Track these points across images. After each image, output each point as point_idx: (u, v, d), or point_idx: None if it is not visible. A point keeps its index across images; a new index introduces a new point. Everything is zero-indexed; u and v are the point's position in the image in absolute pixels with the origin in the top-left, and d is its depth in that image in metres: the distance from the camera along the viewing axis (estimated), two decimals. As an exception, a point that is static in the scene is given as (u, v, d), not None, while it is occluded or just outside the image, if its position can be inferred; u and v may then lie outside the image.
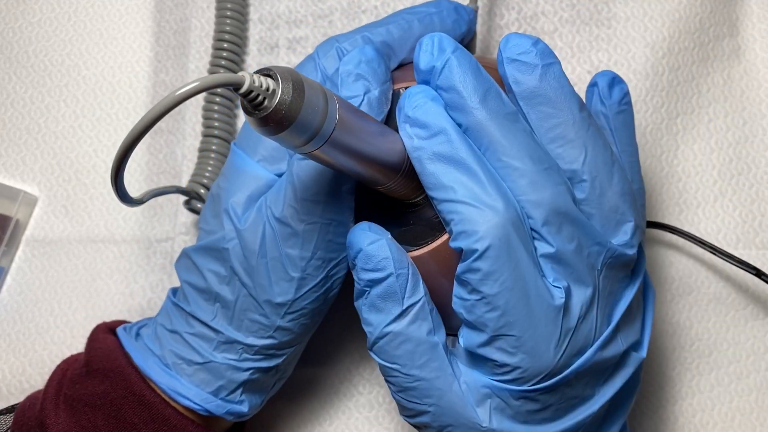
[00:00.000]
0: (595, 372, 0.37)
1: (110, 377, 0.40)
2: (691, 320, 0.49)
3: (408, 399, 0.37)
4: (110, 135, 0.52)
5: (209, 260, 0.40)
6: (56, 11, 0.53)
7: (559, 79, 0.36)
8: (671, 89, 0.50)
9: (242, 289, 0.39)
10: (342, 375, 0.49)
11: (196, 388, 0.41)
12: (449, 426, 0.36)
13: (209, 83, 0.28)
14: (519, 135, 0.35)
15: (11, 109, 0.52)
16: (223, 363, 0.40)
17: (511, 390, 0.35)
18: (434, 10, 0.41)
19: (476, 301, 0.34)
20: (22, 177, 0.52)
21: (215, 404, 0.41)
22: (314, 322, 0.41)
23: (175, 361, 0.41)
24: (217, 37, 0.50)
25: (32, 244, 0.51)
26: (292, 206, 0.37)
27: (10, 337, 0.50)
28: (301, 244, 0.38)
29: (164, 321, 0.42)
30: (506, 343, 0.35)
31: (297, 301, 0.39)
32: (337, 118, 0.32)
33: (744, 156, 0.50)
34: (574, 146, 0.36)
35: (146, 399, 0.40)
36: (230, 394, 0.41)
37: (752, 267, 0.45)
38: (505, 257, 0.34)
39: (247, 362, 0.41)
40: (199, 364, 0.41)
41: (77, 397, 0.40)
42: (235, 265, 0.39)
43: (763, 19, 0.51)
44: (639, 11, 0.50)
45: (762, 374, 0.48)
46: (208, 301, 0.40)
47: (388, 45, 0.40)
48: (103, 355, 0.41)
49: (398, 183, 0.36)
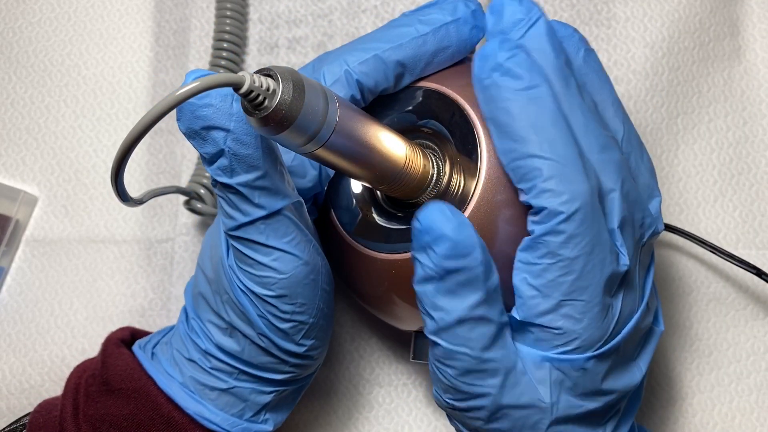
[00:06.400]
0: (634, 341, 0.38)
1: (135, 398, 0.40)
2: (691, 320, 0.49)
3: (469, 382, 0.35)
4: (110, 135, 0.52)
5: (208, 312, 0.39)
6: (56, 11, 0.53)
7: (598, 62, 0.39)
8: (671, 89, 0.50)
9: (245, 339, 0.38)
10: (342, 375, 0.49)
11: (221, 412, 0.40)
12: (505, 408, 0.35)
13: (209, 83, 0.28)
14: (586, 103, 0.36)
15: (11, 109, 0.52)
16: (247, 388, 0.40)
17: (572, 360, 0.35)
18: (450, 19, 0.39)
19: (550, 264, 0.34)
20: (22, 177, 0.52)
21: (241, 427, 0.40)
22: (326, 343, 0.41)
23: (197, 387, 0.40)
24: (217, 37, 0.50)
25: (32, 244, 0.51)
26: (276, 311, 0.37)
27: (11, 337, 0.50)
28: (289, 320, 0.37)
29: (180, 348, 0.41)
30: (574, 309, 0.34)
31: (302, 340, 0.38)
32: (337, 118, 0.32)
33: (744, 156, 0.50)
34: (614, 123, 0.38)
35: (175, 421, 0.39)
36: (255, 416, 0.41)
37: (752, 266, 0.45)
38: (589, 221, 0.34)
39: (270, 386, 0.40)
40: (222, 390, 0.40)
41: (99, 417, 0.40)
42: (233, 320, 0.38)
43: (763, 19, 0.51)
44: (639, 11, 0.50)
45: (762, 374, 0.48)
46: (217, 348, 0.40)
47: (401, 64, 0.38)
48: (124, 374, 0.40)
49: (399, 183, 0.36)
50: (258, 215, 0.34)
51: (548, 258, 0.34)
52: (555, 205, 0.33)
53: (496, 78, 0.34)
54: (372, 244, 0.39)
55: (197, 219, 0.51)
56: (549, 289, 0.34)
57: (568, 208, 0.33)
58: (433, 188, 0.38)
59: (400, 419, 0.49)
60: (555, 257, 0.34)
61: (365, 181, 0.36)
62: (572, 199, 0.33)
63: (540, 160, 0.34)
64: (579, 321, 0.35)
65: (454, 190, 0.37)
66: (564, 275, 0.34)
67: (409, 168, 0.36)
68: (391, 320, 0.42)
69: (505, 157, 0.35)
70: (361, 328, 0.50)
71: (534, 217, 0.34)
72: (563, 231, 0.33)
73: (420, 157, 0.37)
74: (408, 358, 0.49)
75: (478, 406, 0.36)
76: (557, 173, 0.33)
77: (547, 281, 0.34)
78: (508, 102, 0.34)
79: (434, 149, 0.38)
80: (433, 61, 0.39)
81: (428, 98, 0.39)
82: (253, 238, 0.35)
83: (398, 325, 0.43)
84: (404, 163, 0.36)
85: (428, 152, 0.38)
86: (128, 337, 0.44)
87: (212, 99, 0.32)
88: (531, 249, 0.34)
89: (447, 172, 0.37)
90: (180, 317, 0.42)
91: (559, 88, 0.35)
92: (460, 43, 0.39)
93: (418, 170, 0.37)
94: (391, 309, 0.41)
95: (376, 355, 0.49)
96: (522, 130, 0.34)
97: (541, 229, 0.34)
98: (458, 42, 0.39)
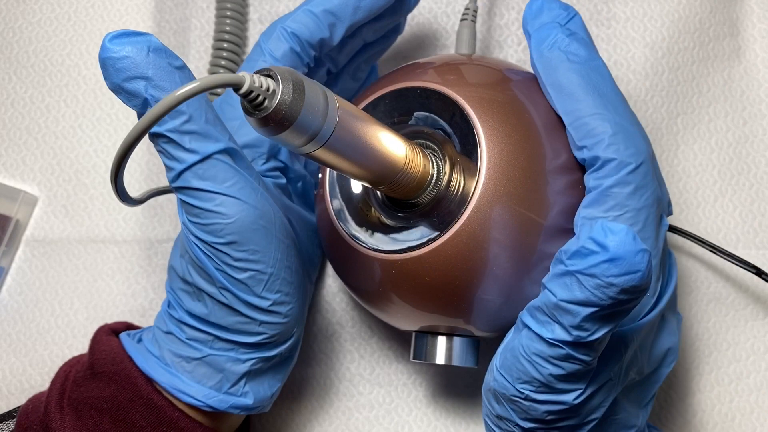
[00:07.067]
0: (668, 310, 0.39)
1: (116, 380, 0.40)
2: (691, 320, 0.49)
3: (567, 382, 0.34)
4: (110, 135, 0.52)
5: (177, 280, 0.40)
6: (56, 11, 0.53)
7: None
8: (671, 89, 0.50)
9: (210, 299, 0.39)
10: (342, 375, 0.49)
11: (197, 384, 0.40)
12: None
13: (209, 83, 0.28)
14: None
15: (11, 109, 0.52)
16: (222, 356, 0.40)
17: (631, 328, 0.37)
18: None
19: (617, 216, 0.36)
20: (22, 177, 0.52)
21: (218, 399, 0.40)
22: (297, 302, 0.40)
23: (174, 360, 0.40)
24: (217, 37, 0.50)
25: (32, 244, 0.51)
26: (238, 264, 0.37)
27: (11, 337, 0.50)
28: (261, 285, 0.38)
29: (160, 324, 0.42)
30: None
31: (264, 294, 0.39)
32: (337, 118, 0.32)
33: (744, 156, 0.50)
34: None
35: (154, 402, 0.40)
36: (232, 387, 0.41)
37: (752, 266, 0.45)
38: (651, 174, 0.36)
39: (246, 354, 0.40)
40: (197, 359, 0.40)
41: (82, 400, 0.40)
42: (195, 280, 0.39)
43: (763, 19, 0.51)
44: (639, 11, 0.50)
45: (762, 374, 0.48)
46: (189, 314, 0.40)
47: (330, 13, 0.41)
48: (107, 358, 0.41)
49: (399, 183, 0.36)
50: (192, 160, 0.35)
51: (616, 210, 0.36)
52: (623, 157, 0.36)
53: (557, 51, 0.37)
54: (372, 244, 0.39)
55: (197, 219, 0.51)
56: None
57: (637, 159, 0.36)
58: (433, 188, 0.38)
59: (400, 419, 0.49)
60: (623, 208, 0.36)
61: (365, 181, 0.37)
62: (637, 153, 0.36)
63: (605, 117, 0.36)
64: None
65: (454, 190, 0.37)
66: (631, 226, 0.35)
67: (409, 168, 0.36)
68: (391, 320, 0.42)
69: (569, 117, 0.37)
70: (361, 328, 0.50)
71: (598, 172, 0.36)
72: (631, 182, 0.36)
73: (420, 157, 0.37)
74: (408, 358, 0.49)
75: (561, 401, 0.34)
76: (621, 130, 0.36)
77: None
78: (572, 69, 0.37)
79: (434, 149, 0.39)
80: (360, 5, 0.41)
81: (428, 98, 0.39)
82: (193, 185, 0.36)
83: (398, 325, 0.43)
84: (404, 164, 0.36)
85: (428, 152, 0.38)
86: (122, 329, 0.45)
87: (128, 51, 0.34)
88: (597, 203, 0.36)
89: (447, 172, 0.38)
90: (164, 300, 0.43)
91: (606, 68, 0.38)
92: None
93: (418, 170, 0.37)
94: (391, 309, 0.41)
95: (376, 355, 0.49)
96: (586, 93, 0.37)
97: (611, 181, 0.36)
98: None
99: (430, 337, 0.42)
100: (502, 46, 0.51)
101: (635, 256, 0.29)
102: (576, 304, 0.31)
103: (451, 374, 0.49)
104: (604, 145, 0.36)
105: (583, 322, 0.31)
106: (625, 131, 0.36)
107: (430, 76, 0.39)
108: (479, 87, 0.38)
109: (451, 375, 0.49)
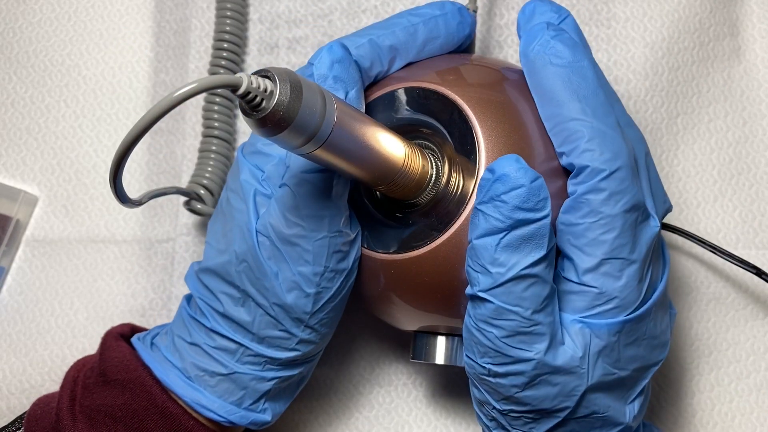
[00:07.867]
0: (659, 308, 0.39)
1: (130, 389, 0.40)
2: (691, 320, 0.49)
3: (514, 345, 0.35)
4: (110, 135, 0.52)
5: (221, 283, 0.40)
6: (56, 11, 0.53)
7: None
8: (671, 89, 0.50)
9: (258, 309, 0.39)
10: (342, 375, 0.49)
11: (219, 399, 0.40)
12: (546, 374, 0.35)
13: (207, 84, 0.28)
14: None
15: (11, 109, 0.52)
16: (248, 374, 0.40)
17: (610, 324, 0.36)
18: (438, 13, 0.42)
19: (592, 223, 0.35)
20: (22, 177, 0.52)
21: (239, 415, 0.40)
22: (333, 327, 0.41)
23: (197, 374, 0.40)
24: (217, 37, 0.50)
25: (32, 244, 0.51)
26: (298, 224, 0.37)
27: (11, 337, 0.50)
28: (313, 261, 0.37)
29: (182, 333, 0.41)
30: (613, 267, 0.36)
31: (315, 314, 0.39)
32: (335, 119, 0.32)
33: (744, 156, 0.50)
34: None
35: (169, 411, 0.39)
36: (253, 404, 0.41)
37: (752, 266, 0.45)
38: (629, 180, 0.36)
39: (271, 372, 0.40)
40: (222, 375, 0.40)
41: (95, 408, 0.40)
42: (248, 288, 0.39)
43: (763, 19, 0.51)
44: (638, 11, 0.50)
45: (762, 374, 0.48)
46: (225, 320, 0.40)
47: (394, 48, 0.40)
48: (120, 365, 0.41)
49: (397, 183, 0.36)
50: None
51: (590, 217, 0.35)
52: (597, 164, 0.35)
53: (542, 52, 0.37)
54: (371, 244, 0.39)
55: (197, 219, 0.51)
56: (590, 248, 0.35)
57: (610, 166, 0.35)
58: (432, 188, 0.38)
59: (400, 419, 0.49)
60: (597, 215, 0.35)
61: (364, 182, 0.37)
62: (613, 159, 0.35)
63: (582, 123, 0.36)
64: (618, 279, 0.36)
65: (453, 190, 0.37)
66: (605, 233, 0.35)
67: (408, 168, 0.36)
68: (390, 320, 0.42)
69: (549, 122, 0.37)
70: (361, 328, 0.50)
71: (575, 178, 0.36)
72: (605, 188, 0.35)
73: (419, 158, 0.37)
74: (408, 358, 0.49)
75: (519, 371, 0.35)
76: (598, 135, 0.36)
77: (589, 240, 0.35)
78: (553, 73, 0.37)
79: (433, 149, 0.39)
80: (424, 49, 0.41)
81: (427, 98, 0.39)
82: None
83: (398, 325, 0.43)
84: (403, 164, 0.36)
85: (427, 152, 0.38)
86: (128, 332, 0.44)
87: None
88: (573, 209, 0.36)
89: (446, 172, 0.38)
90: (181, 304, 0.42)
91: (594, 68, 0.38)
92: (448, 36, 0.42)
93: (417, 170, 0.37)
94: (391, 309, 0.41)
95: (376, 355, 0.49)
96: (566, 97, 0.36)
97: (584, 188, 0.36)
98: (446, 34, 0.42)
99: (430, 337, 0.42)
100: (501, 46, 0.51)
101: (517, 172, 0.34)
102: (484, 236, 0.34)
103: (451, 374, 0.49)
104: (578, 151, 0.36)
105: (496, 255, 0.34)
106: (603, 136, 0.36)
107: (429, 76, 0.39)
108: (478, 87, 0.38)
109: (451, 375, 0.49)
